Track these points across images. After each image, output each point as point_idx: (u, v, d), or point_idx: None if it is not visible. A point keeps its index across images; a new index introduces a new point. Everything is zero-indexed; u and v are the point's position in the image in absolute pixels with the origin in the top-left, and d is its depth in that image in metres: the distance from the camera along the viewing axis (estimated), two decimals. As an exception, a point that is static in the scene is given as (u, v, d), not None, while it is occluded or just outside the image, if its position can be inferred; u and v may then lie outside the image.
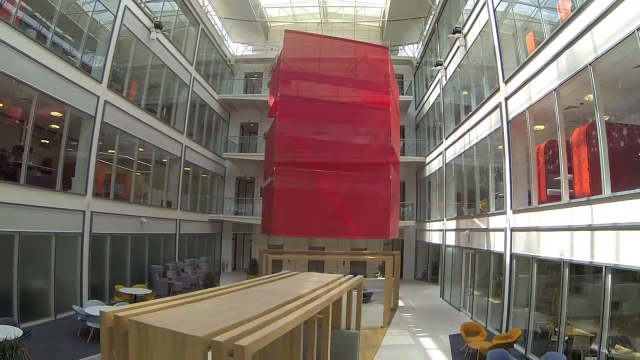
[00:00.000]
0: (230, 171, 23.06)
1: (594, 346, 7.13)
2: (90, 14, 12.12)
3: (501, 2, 10.88)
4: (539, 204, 8.74)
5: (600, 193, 6.49)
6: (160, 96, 16.09)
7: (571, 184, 7.81)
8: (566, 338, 7.87)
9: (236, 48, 25.65)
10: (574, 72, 7.10)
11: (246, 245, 23.86)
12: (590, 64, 6.63)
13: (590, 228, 6.78)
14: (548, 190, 8.67)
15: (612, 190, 6.27)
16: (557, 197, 8.02)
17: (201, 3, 19.55)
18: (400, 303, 14.64)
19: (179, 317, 3.58)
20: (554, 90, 7.81)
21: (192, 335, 2.95)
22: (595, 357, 6.84)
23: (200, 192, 20.48)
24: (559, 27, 7.71)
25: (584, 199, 6.97)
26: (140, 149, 14.82)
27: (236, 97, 22.65)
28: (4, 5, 9.44)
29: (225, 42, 23.62)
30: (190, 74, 18.25)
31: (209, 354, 2.90)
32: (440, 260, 17.04)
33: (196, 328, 3.10)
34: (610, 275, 6.37)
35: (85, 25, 11.95)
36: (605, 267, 6.40)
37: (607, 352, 6.54)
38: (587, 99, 7.96)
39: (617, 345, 6.93)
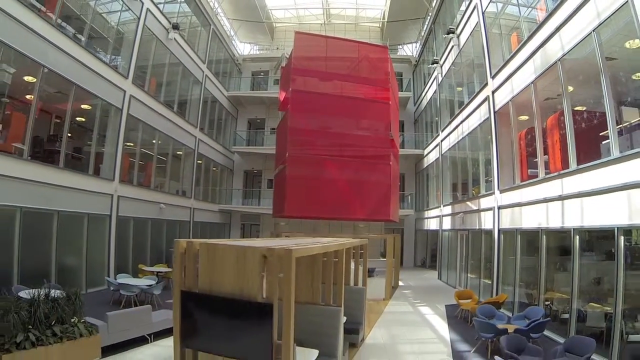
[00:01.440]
0: (238, 164, 24.28)
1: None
2: (117, 15, 13.33)
3: (489, 6, 12.09)
4: (520, 182, 9.97)
5: (568, 167, 7.72)
6: (176, 92, 17.31)
7: (547, 165, 9.04)
8: (547, 303, 9.05)
9: (243, 47, 26.89)
10: (547, 68, 8.33)
11: (254, 235, 25.04)
12: (559, 60, 7.86)
13: (561, 198, 8.01)
14: (529, 170, 9.90)
15: (578, 164, 7.50)
16: (536, 176, 9.26)
17: (212, 5, 20.76)
18: (401, 283, 15.86)
19: (239, 243, 4.78)
20: (532, 83, 9.05)
21: (252, 247, 4.16)
22: (572, 314, 7.95)
23: (211, 183, 21.69)
24: (534, 28, 8.94)
25: (556, 173, 8.21)
26: (159, 141, 16.03)
27: (244, 94, 23.88)
28: (46, 7, 10.62)
29: (233, 42, 24.83)
30: (203, 72, 19.46)
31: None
32: (438, 244, 18.26)
33: (254, 246, 4.30)
34: (577, 237, 7.60)
35: (113, 26, 13.16)
36: (573, 229, 7.62)
37: (581, 309, 7.69)
38: (571, 91, 9.18)
39: (591, 303, 8.08)
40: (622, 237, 6.40)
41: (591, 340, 5.66)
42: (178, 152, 18.08)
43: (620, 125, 6.97)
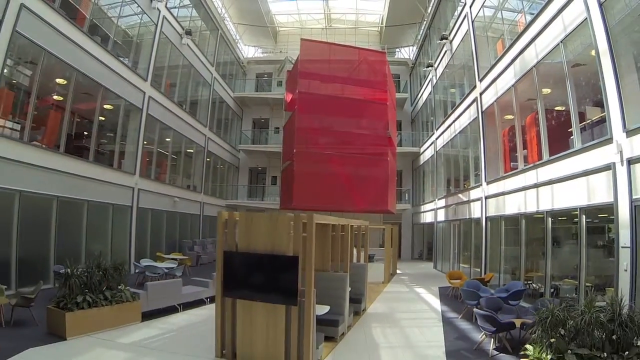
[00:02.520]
0: (243, 162, 25.44)
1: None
2: (137, 22, 14.49)
3: (479, 15, 13.32)
4: (504, 174, 11.19)
5: (542, 159, 8.93)
6: (188, 93, 18.47)
7: (526, 158, 10.26)
8: (528, 282, 10.22)
9: (248, 50, 28.06)
10: (525, 72, 9.55)
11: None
12: (534, 67, 9.08)
13: (536, 186, 9.22)
14: (511, 163, 11.12)
15: (550, 156, 8.72)
16: (517, 168, 10.47)
17: (220, 12, 21.95)
18: (398, 271, 17.04)
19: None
20: (512, 86, 10.27)
21: (282, 214, 5.34)
22: (551, 289, 9.11)
23: (219, 180, 22.85)
24: (514, 38, 10.16)
25: (532, 165, 9.42)
26: (173, 139, 17.18)
27: (249, 95, 25.07)
28: (79, 15, 11.77)
29: (238, 45, 26.02)
30: (212, 74, 20.63)
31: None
32: (433, 236, 19.47)
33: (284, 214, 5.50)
34: (550, 219, 8.81)
35: (134, 32, 14.33)
36: (546, 212, 8.83)
37: (556, 284, 8.86)
38: (544, 93, 10.40)
39: (565, 280, 9.24)
40: (584, 216, 7.62)
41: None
42: (189, 150, 19.24)
43: (584, 122, 8.19)
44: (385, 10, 24.55)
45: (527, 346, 4.57)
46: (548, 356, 4.24)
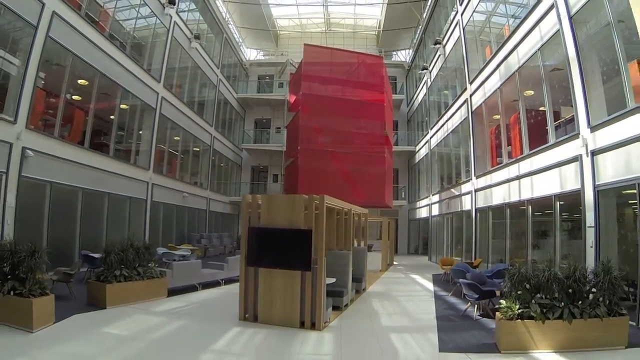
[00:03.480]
0: (246, 160, 26.42)
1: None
2: (152, 27, 15.46)
3: (469, 22, 14.41)
4: (491, 168, 12.26)
5: (523, 153, 10.00)
6: (196, 94, 19.44)
7: (510, 154, 11.33)
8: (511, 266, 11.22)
9: (250, 53, 29.07)
10: (509, 76, 10.63)
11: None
12: (516, 71, 10.16)
13: (518, 178, 10.29)
14: (497, 158, 12.19)
15: (529, 150, 9.78)
16: (502, 162, 11.54)
17: (225, 16, 22.94)
18: (395, 263, 18.06)
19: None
20: (498, 88, 11.34)
21: (299, 196, 6.35)
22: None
23: (223, 177, 23.80)
24: (500, 45, 11.25)
25: (514, 159, 10.49)
26: (183, 137, 18.13)
27: (251, 96, 26.06)
28: (100, 22, 12.73)
29: (241, 48, 27.02)
30: (217, 76, 21.61)
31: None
32: (428, 229, 20.52)
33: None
34: (530, 207, 9.86)
35: (148, 36, 15.30)
36: (527, 200, 9.89)
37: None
38: (526, 94, 11.48)
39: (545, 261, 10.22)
40: (558, 202, 8.69)
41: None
42: (196, 148, 20.18)
43: (559, 120, 9.27)
44: (383, 15, 25.65)
45: (502, 300, 5.60)
46: (517, 306, 5.27)
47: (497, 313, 5.49)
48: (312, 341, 5.53)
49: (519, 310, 5.22)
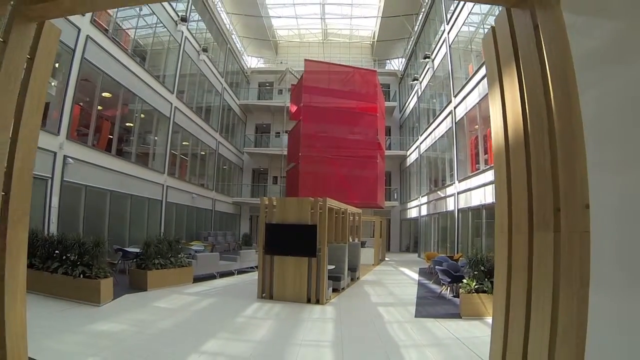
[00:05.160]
0: (247, 163, 27.95)
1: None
2: (166, 42, 16.97)
3: (454, 41, 16.09)
4: (471, 173, 13.93)
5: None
6: (203, 101, 20.95)
7: (487, 161, 13.02)
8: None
9: (251, 61, 30.60)
10: (485, 94, 12.30)
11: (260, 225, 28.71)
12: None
13: (492, 182, 11.95)
14: (476, 165, 13.87)
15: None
16: (479, 169, 13.21)
17: (228, 27, 24.48)
18: (386, 259, 19.71)
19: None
20: (477, 103, 13.02)
21: (306, 199, 7.96)
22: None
23: (227, 179, 25.33)
24: (480, 65, 12.92)
25: (489, 166, 12.17)
26: (191, 142, 19.64)
27: (252, 103, 27.61)
28: (123, 38, 14.21)
29: (243, 56, 28.55)
30: (222, 85, 23.13)
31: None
32: (417, 228, 22.20)
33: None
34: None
35: (163, 51, 16.81)
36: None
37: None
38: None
39: None
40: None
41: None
42: (203, 152, 21.69)
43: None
44: (377, 26, 27.33)
45: (464, 279, 7.25)
46: (474, 283, 6.91)
47: (460, 289, 7.14)
48: (317, 311, 7.14)
49: (475, 286, 6.87)
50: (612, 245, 1.77)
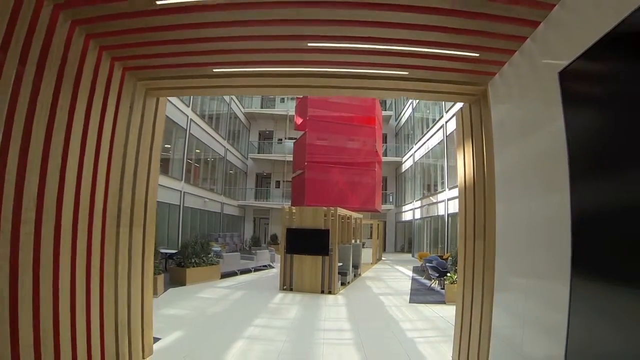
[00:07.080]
0: (251, 168, 29.60)
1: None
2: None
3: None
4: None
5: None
6: (213, 111, 22.59)
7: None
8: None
9: (254, 71, 32.17)
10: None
11: (262, 227, 30.42)
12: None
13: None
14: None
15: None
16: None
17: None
18: (383, 258, 21.51)
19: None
20: (463, 121, 14.82)
21: (320, 208, 9.70)
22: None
23: (233, 183, 26.97)
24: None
25: (473, 177, 13.99)
26: (203, 150, 21.29)
27: (256, 111, 29.27)
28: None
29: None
30: (230, 95, 24.77)
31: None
32: (412, 230, 24.04)
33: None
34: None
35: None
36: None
37: None
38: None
39: None
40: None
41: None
42: (212, 159, 23.32)
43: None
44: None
45: (448, 274, 9.03)
46: (455, 276, 8.69)
47: (445, 281, 8.92)
48: (331, 299, 8.88)
49: (456, 279, 8.65)
50: (507, 248, 3.56)
